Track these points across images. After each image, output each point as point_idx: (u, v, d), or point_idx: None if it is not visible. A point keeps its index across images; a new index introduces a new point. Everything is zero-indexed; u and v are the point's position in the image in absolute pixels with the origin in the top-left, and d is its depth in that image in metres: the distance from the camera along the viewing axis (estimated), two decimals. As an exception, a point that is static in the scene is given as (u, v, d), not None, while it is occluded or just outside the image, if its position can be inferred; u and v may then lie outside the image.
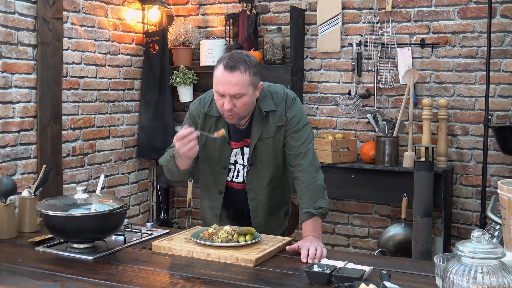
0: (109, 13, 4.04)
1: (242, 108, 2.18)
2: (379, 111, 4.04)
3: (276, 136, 2.31)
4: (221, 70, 2.15)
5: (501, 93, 3.74)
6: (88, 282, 1.76)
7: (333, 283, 1.70)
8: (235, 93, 2.13)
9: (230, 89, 2.13)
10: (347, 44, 4.13)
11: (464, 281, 1.39)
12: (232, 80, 2.12)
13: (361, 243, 4.20)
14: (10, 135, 3.30)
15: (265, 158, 2.32)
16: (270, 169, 2.34)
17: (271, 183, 2.36)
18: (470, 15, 3.79)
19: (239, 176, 2.37)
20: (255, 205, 2.37)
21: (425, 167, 3.38)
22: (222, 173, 2.37)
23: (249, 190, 2.36)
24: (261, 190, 2.36)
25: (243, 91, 2.14)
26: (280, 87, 2.37)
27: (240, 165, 2.36)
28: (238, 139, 2.34)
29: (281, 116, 2.30)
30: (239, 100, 2.15)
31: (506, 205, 1.82)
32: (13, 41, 3.29)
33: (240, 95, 2.15)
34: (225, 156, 2.34)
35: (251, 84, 2.17)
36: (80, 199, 2.11)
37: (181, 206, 4.82)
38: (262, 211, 2.39)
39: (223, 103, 2.16)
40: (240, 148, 2.34)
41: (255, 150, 2.31)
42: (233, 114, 2.18)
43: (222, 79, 2.14)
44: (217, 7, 4.52)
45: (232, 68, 2.13)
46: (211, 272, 1.85)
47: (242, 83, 2.14)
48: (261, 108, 2.27)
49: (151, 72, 4.32)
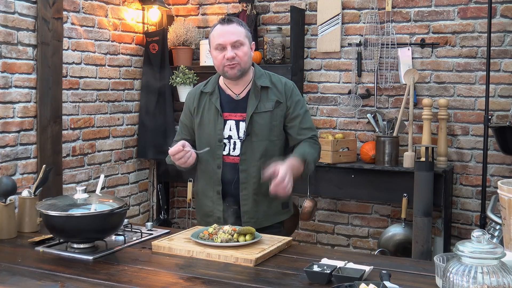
0: (109, 13, 4.04)
1: (243, 57, 2.32)
2: (379, 111, 4.04)
3: (274, 111, 2.40)
4: (218, 26, 2.35)
5: (501, 93, 3.74)
6: (88, 282, 1.76)
7: (333, 283, 1.70)
8: (235, 40, 2.30)
9: (230, 37, 2.31)
10: (347, 44, 4.13)
11: (464, 281, 1.39)
12: (230, 29, 2.32)
13: (361, 243, 4.21)
14: (10, 135, 3.30)
15: (260, 131, 2.38)
16: (264, 143, 2.39)
17: (264, 157, 2.38)
18: (470, 15, 3.79)
19: (236, 149, 2.40)
20: (245, 176, 2.39)
21: (425, 167, 3.38)
22: (218, 147, 2.41)
23: (241, 161, 2.39)
24: (253, 162, 2.39)
25: (241, 39, 2.32)
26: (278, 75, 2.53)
27: (236, 139, 2.40)
28: (233, 110, 2.41)
29: (280, 94, 2.41)
30: (239, 49, 2.31)
31: (506, 205, 1.82)
32: (13, 41, 3.29)
33: (239, 44, 2.32)
34: (219, 129, 2.40)
35: (247, 37, 2.36)
36: (80, 199, 2.11)
37: (181, 206, 4.82)
38: (251, 184, 2.39)
39: (223, 56, 2.31)
40: (235, 121, 2.40)
41: (251, 122, 2.38)
42: (235, 63, 2.32)
43: (221, 31, 2.33)
44: (217, 7, 4.52)
45: (229, 21, 2.35)
46: (211, 272, 1.85)
47: (239, 32, 2.33)
48: (257, 83, 2.40)
49: (151, 72, 4.32)
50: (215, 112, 2.42)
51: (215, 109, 2.42)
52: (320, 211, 4.31)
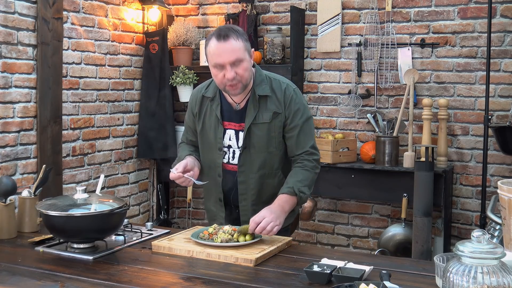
0: (109, 13, 4.04)
1: (244, 74, 2.21)
2: (379, 111, 4.04)
3: (272, 123, 2.33)
4: (214, 43, 2.19)
5: (501, 93, 3.74)
6: (88, 282, 1.76)
7: (333, 283, 1.70)
8: (235, 59, 2.17)
9: (229, 56, 2.17)
10: (347, 44, 4.13)
11: (464, 281, 1.39)
12: (228, 47, 2.17)
13: (361, 243, 4.21)
14: (10, 135, 3.30)
15: (258, 143, 2.34)
16: (262, 155, 2.35)
17: (262, 169, 2.36)
18: (470, 15, 3.79)
19: (235, 157, 2.38)
20: (244, 188, 2.37)
21: (425, 167, 3.38)
22: (218, 155, 2.38)
23: (239, 173, 2.36)
24: (252, 174, 2.36)
25: (241, 56, 2.19)
26: (281, 76, 2.43)
27: (236, 148, 2.37)
28: (233, 119, 2.37)
29: (279, 103, 2.32)
30: (239, 67, 2.19)
31: (506, 205, 1.82)
32: (13, 41, 3.29)
33: (239, 61, 2.19)
34: (219, 137, 2.37)
35: (246, 50, 2.22)
36: (80, 199, 2.11)
37: (181, 206, 4.82)
38: (250, 196, 2.37)
39: (223, 75, 2.20)
40: (234, 131, 2.36)
41: (249, 133, 2.33)
42: (236, 83, 2.21)
43: (218, 50, 2.18)
44: (217, 7, 4.52)
45: (225, 37, 2.17)
46: (211, 272, 1.85)
47: (238, 49, 2.18)
48: (256, 92, 2.31)
49: (151, 72, 4.32)
50: (215, 119, 2.37)
51: (216, 117, 2.37)
52: (320, 211, 4.31)
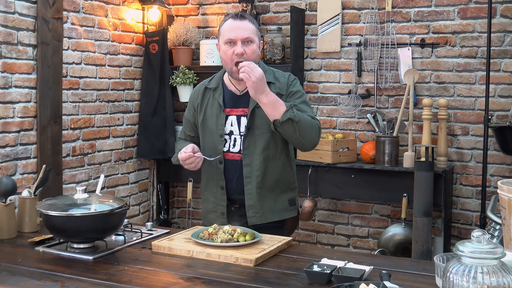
0: (109, 13, 4.04)
1: (252, 55, 2.32)
2: (379, 111, 4.04)
3: None
4: (230, 21, 2.34)
5: (501, 93, 3.74)
6: (88, 282, 1.76)
7: (333, 283, 1.70)
8: (246, 37, 2.30)
9: (242, 33, 2.30)
10: (347, 44, 4.13)
11: (464, 281, 1.39)
12: (243, 25, 2.32)
13: (361, 243, 4.21)
14: (10, 135, 3.30)
15: (261, 124, 2.37)
16: (265, 136, 2.38)
17: (266, 150, 2.39)
18: (470, 15, 3.79)
19: (236, 145, 2.41)
20: (248, 170, 2.39)
21: (425, 167, 3.38)
22: (219, 142, 2.41)
23: (244, 156, 2.39)
24: (256, 156, 2.38)
25: (252, 37, 2.32)
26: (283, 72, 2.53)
27: (237, 135, 2.41)
28: (235, 105, 2.42)
29: (282, 86, 2.41)
30: (248, 47, 2.31)
31: (506, 205, 1.82)
32: (13, 41, 3.29)
33: (250, 41, 2.32)
34: (220, 124, 2.41)
35: (257, 35, 2.36)
36: (80, 199, 2.11)
37: (181, 206, 4.82)
38: (254, 178, 2.39)
39: (233, 51, 2.30)
40: (236, 117, 2.41)
41: (253, 116, 2.37)
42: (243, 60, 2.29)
43: (233, 26, 2.32)
44: (217, 7, 4.52)
45: (242, 17, 2.34)
46: (211, 272, 1.85)
47: (251, 29, 2.33)
48: None
49: (151, 72, 4.32)
50: (217, 107, 2.43)
51: (218, 104, 2.43)
52: (320, 211, 4.31)
